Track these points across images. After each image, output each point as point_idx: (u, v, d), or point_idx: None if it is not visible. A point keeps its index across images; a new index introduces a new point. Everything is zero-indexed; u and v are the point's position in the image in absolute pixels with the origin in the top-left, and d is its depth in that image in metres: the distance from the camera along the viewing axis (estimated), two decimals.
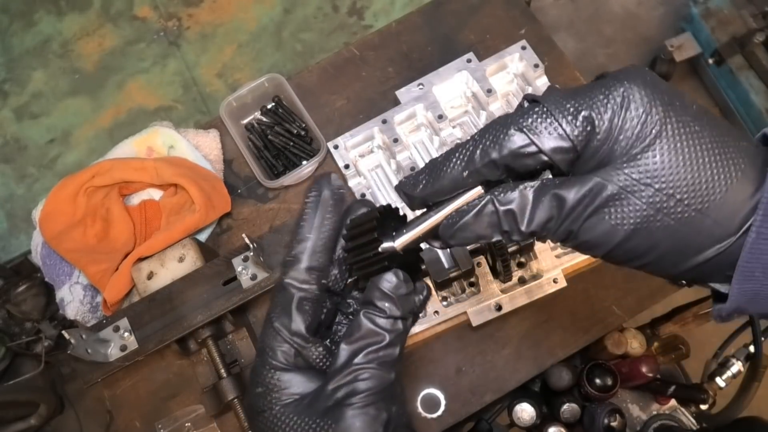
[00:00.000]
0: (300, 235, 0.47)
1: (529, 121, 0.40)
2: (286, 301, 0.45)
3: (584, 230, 0.40)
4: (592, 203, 0.39)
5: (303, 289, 0.46)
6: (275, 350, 0.45)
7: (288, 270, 0.46)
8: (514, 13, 1.21)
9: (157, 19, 2.21)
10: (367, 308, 0.44)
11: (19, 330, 1.88)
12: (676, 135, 0.38)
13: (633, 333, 1.11)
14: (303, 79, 1.22)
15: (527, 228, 0.41)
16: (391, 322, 0.44)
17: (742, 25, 2.11)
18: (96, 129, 2.10)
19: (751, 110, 2.09)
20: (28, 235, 1.87)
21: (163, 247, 1.03)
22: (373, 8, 2.12)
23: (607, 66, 2.44)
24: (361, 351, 0.43)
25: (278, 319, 0.45)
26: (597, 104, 0.39)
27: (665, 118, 0.38)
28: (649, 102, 0.38)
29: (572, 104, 0.39)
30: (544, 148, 0.39)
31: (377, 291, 0.44)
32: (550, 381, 1.08)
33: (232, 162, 1.19)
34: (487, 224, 0.42)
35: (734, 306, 0.40)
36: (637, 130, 0.38)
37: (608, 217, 0.39)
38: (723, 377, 1.13)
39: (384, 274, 0.44)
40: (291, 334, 0.45)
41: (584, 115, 0.39)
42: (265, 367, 0.45)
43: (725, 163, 0.38)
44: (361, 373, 0.42)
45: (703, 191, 0.38)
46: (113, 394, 1.06)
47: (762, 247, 0.38)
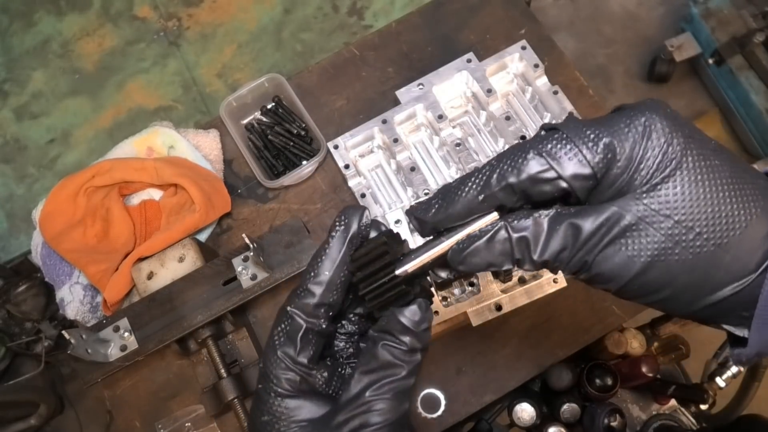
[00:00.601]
0: (317, 269, 0.44)
1: (549, 146, 0.39)
2: (292, 330, 0.44)
3: (599, 261, 0.39)
4: (608, 233, 0.38)
5: (310, 322, 0.44)
6: (280, 378, 0.43)
7: (297, 300, 0.44)
8: (514, 13, 1.21)
9: (157, 19, 2.21)
10: (385, 339, 0.42)
11: (19, 330, 1.88)
12: (696, 167, 0.38)
13: (633, 333, 1.11)
14: (303, 79, 1.22)
15: (540, 257, 0.40)
16: (409, 354, 0.42)
17: (742, 25, 2.11)
18: (96, 129, 2.10)
19: (751, 110, 2.09)
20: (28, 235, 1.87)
21: (163, 247, 1.03)
22: (373, 8, 2.12)
23: (606, 66, 2.44)
24: (377, 382, 0.42)
25: (282, 347, 0.44)
26: (618, 132, 0.38)
27: (686, 149, 0.38)
28: (671, 132, 0.38)
29: (593, 131, 0.39)
30: (564, 174, 0.39)
31: (398, 323, 0.42)
32: (550, 381, 1.08)
33: (232, 162, 1.19)
34: (499, 251, 0.41)
35: (754, 351, 0.40)
36: (658, 159, 0.38)
37: (624, 248, 0.38)
38: (723, 377, 1.13)
39: (406, 307, 0.43)
40: (294, 364, 0.43)
41: (605, 142, 0.38)
42: (270, 395, 0.44)
43: (745, 199, 0.38)
44: (376, 403, 0.41)
45: (723, 225, 0.37)
46: (113, 394, 1.06)
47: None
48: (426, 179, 1.07)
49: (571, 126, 0.40)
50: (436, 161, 1.09)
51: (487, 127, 1.09)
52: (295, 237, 0.97)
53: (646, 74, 2.37)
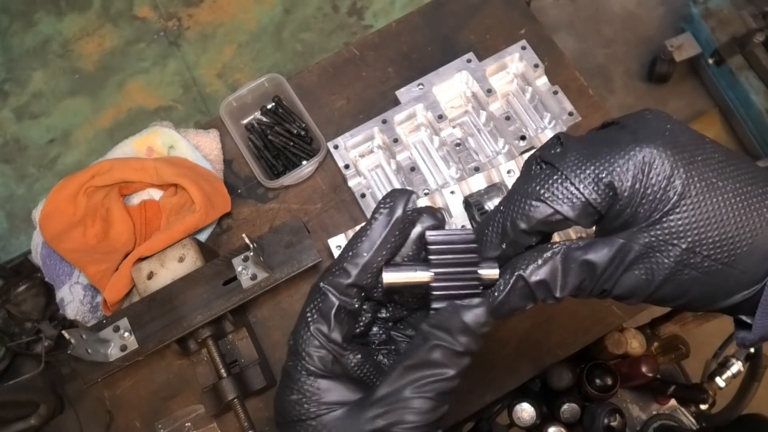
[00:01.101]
0: (356, 249, 0.42)
1: (551, 191, 0.40)
2: (326, 307, 0.42)
3: (617, 287, 0.41)
4: (621, 264, 0.40)
5: (343, 300, 0.42)
6: (312, 355, 0.42)
7: (331, 278, 0.43)
8: (514, 13, 1.21)
9: (157, 19, 2.21)
10: (439, 338, 0.40)
11: (19, 330, 1.88)
12: (699, 195, 0.39)
13: (633, 333, 1.11)
14: (303, 79, 1.22)
15: (561, 294, 0.42)
16: (462, 356, 0.41)
17: (742, 25, 2.11)
18: (96, 129, 2.10)
19: (751, 110, 2.09)
20: (28, 235, 1.87)
21: (163, 247, 1.03)
22: (373, 8, 2.12)
23: (606, 66, 2.44)
24: (421, 380, 0.40)
25: (315, 323, 0.42)
26: (617, 169, 0.39)
27: (688, 179, 0.39)
28: (671, 164, 0.39)
29: (591, 170, 0.40)
30: (569, 216, 0.40)
31: (460, 323, 0.40)
32: (550, 381, 1.08)
33: (232, 162, 1.19)
34: (520, 298, 0.42)
35: (758, 336, 0.42)
36: (660, 194, 0.39)
37: (638, 273, 0.40)
38: (723, 377, 1.13)
39: (473, 306, 0.41)
40: (328, 341, 0.42)
41: (606, 182, 0.39)
42: (301, 373, 0.42)
43: (749, 216, 0.39)
44: (415, 401, 0.40)
45: (728, 246, 0.39)
46: (113, 394, 1.06)
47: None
48: (426, 179, 1.07)
49: (567, 163, 0.41)
50: (436, 161, 1.09)
51: (487, 127, 1.09)
52: (295, 237, 0.97)
53: (646, 74, 2.37)
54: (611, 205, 0.40)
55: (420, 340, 0.41)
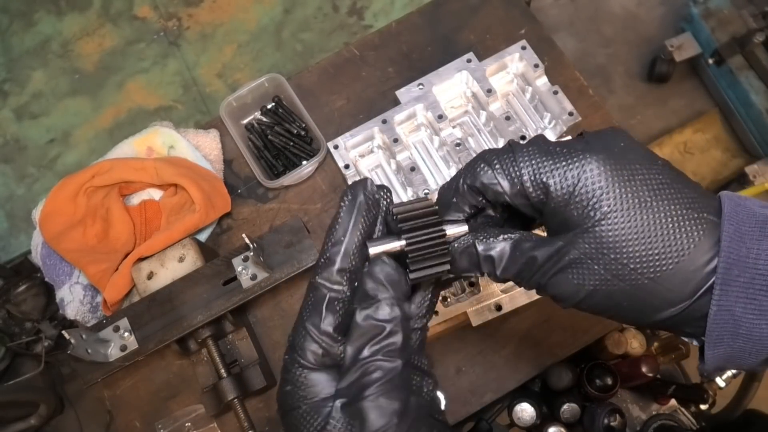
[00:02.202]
0: (333, 238, 0.46)
1: (500, 164, 0.46)
2: (317, 300, 0.45)
3: (551, 285, 0.45)
4: (557, 264, 0.44)
5: (335, 290, 0.45)
6: (305, 350, 0.44)
7: (321, 271, 0.45)
8: (514, 13, 1.21)
9: (157, 19, 2.21)
10: (361, 303, 0.44)
11: (19, 330, 1.88)
12: (630, 210, 0.41)
13: (633, 333, 1.11)
14: (303, 79, 1.22)
15: (502, 275, 0.47)
16: (387, 312, 0.44)
17: (742, 25, 2.11)
18: (96, 129, 2.10)
19: (751, 110, 2.09)
20: (28, 235, 1.87)
21: (163, 247, 1.03)
22: (373, 8, 2.12)
23: (606, 66, 2.44)
24: (363, 347, 0.43)
25: (309, 318, 0.45)
26: (557, 174, 0.43)
27: (621, 195, 0.41)
28: (607, 178, 0.42)
29: (536, 166, 0.44)
30: (506, 191, 0.45)
31: (370, 280, 0.44)
32: (550, 381, 1.08)
33: (232, 162, 1.19)
34: (469, 262, 0.47)
35: (713, 367, 0.43)
36: (593, 202, 0.42)
37: (571, 277, 0.43)
38: (723, 377, 1.13)
39: (377, 263, 0.45)
40: (320, 334, 0.44)
41: (541, 181, 0.44)
42: (294, 366, 0.45)
43: (679, 237, 0.41)
44: (368, 366, 0.42)
45: (655, 263, 0.41)
46: (113, 394, 1.06)
47: (725, 317, 0.40)
48: (426, 179, 1.06)
49: (525, 151, 0.45)
50: (436, 161, 1.09)
51: (487, 127, 1.09)
52: (295, 237, 0.97)
53: (646, 74, 2.37)
54: (544, 204, 0.44)
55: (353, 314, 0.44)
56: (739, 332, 0.40)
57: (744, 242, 0.40)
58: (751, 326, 0.40)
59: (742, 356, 0.42)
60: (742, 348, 0.41)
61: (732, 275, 0.39)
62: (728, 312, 0.40)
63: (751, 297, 0.39)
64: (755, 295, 0.39)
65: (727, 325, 0.40)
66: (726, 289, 0.40)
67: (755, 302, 0.39)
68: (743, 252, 0.39)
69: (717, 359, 0.42)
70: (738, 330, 0.40)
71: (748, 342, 0.40)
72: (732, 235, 0.40)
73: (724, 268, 0.40)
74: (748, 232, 0.40)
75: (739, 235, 0.40)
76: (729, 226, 0.40)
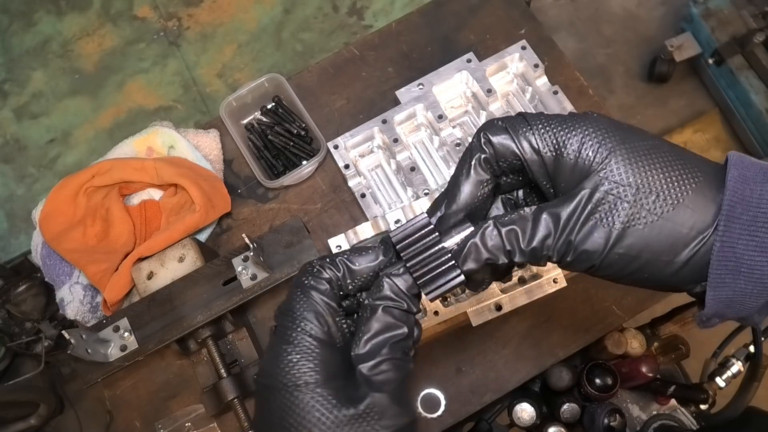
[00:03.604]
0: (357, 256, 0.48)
1: (512, 122, 0.46)
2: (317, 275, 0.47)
3: (581, 240, 0.43)
4: (583, 212, 0.43)
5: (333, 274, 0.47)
6: (311, 320, 0.45)
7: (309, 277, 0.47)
8: (514, 13, 1.21)
9: (157, 19, 2.21)
10: (385, 302, 0.45)
11: (19, 330, 1.88)
12: (640, 146, 0.43)
13: (633, 333, 1.11)
14: (303, 79, 1.22)
15: (528, 245, 0.44)
16: (406, 316, 0.45)
17: (742, 25, 2.12)
18: (96, 129, 2.10)
19: (751, 110, 2.09)
20: (28, 235, 1.88)
21: (163, 247, 1.03)
22: (373, 8, 2.12)
23: (606, 66, 2.44)
24: (385, 343, 0.44)
25: (312, 288, 0.46)
26: (565, 129, 0.44)
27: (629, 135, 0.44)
28: (610, 129, 0.44)
29: (546, 124, 0.45)
30: (524, 150, 0.45)
31: (395, 287, 0.45)
32: (550, 381, 1.08)
33: (232, 162, 1.19)
34: (492, 245, 0.45)
35: (712, 311, 0.43)
36: (603, 145, 0.43)
37: (599, 222, 0.43)
38: (723, 377, 1.13)
39: (400, 274, 0.45)
40: (326, 304, 0.45)
41: (553, 137, 0.44)
42: (298, 333, 0.45)
43: (689, 166, 0.43)
44: (388, 363, 0.43)
45: (676, 187, 0.42)
46: (113, 394, 1.06)
47: (727, 254, 0.41)
48: (426, 179, 1.07)
49: (535, 115, 0.46)
50: (436, 161, 1.09)
51: None
52: (295, 237, 0.97)
53: (646, 74, 2.37)
54: (558, 159, 0.44)
55: (369, 313, 0.44)
56: (741, 270, 0.41)
57: (748, 184, 0.41)
58: (752, 263, 0.41)
59: (742, 299, 0.42)
60: (743, 289, 0.41)
61: (736, 213, 0.41)
62: (731, 249, 0.41)
63: (753, 234, 0.40)
64: (757, 232, 0.40)
65: (729, 263, 0.41)
66: (729, 225, 0.41)
67: (757, 239, 0.40)
68: (747, 192, 0.41)
69: (718, 302, 0.42)
70: (739, 268, 0.41)
71: (749, 282, 0.41)
72: (737, 178, 0.42)
73: (729, 206, 0.41)
74: (753, 177, 0.42)
75: (743, 179, 0.42)
76: (734, 170, 0.42)
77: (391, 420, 0.42)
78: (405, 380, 0.45)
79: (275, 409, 0.43)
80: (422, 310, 0.98)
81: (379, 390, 0.43)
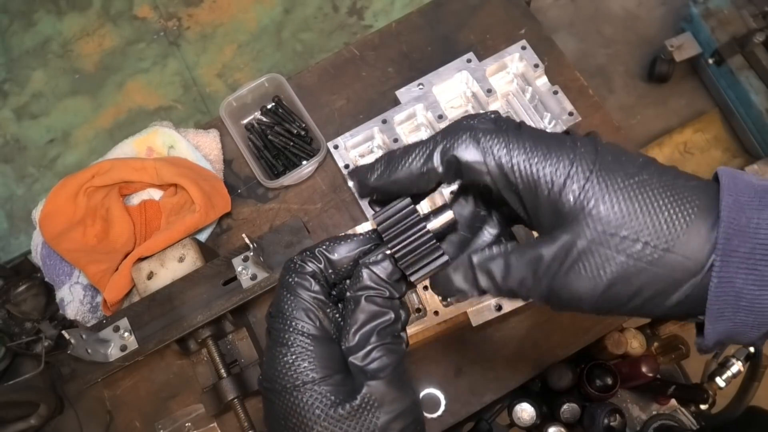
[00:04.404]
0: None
1: (490, 144, 0.42)
2: (304, 271, 0.46)
3: (565, 285, 0.42)
4: (567, 258, 0.41)
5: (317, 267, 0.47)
6: (302, 318, 0.45)
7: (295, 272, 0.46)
8: (514, 13, 1.21)
9: (157, 19, 2.21)
10: (366, 292, 0.45)
11: (19, 330, 1.88)
12: (624, 186, 0.40)
13: (633, 333, 1.11)
14: (303, 79, 1.22)
15: (504, 283, 0.43)
16: (390, 302, 0.45)
17: (742, 25, 2.11)
18: (96, 129, 2.10)
19: (751, 110, 2.09)
20: (28, 235, 1.88)
21: (163, 247, 1.03)
22: (373, 8, 2.12)
23: (606, 66, 2.44)
24: (373, 332, 0.44)
25: (299, 286, 0.46)
26: (549, 163, 0.41)
27: (616, 176, 0.40)
28: (590, 166, 0.41)
29: (530, 150, 0.41)
30: (493, 176, 0.42)
31: (374, 276, 0.45)
32: (550, 381, 1.08)
33: (232, 162, 1.19)
34: (464, 279, 0.44)
35: (712, 342, 0.42)
36: (587, 187, 0.40)
37: (585, 271, 0.41)
38: (723, 377, 1.13)
39: (379, 262, 0.45)
40: (314, 298, 0.45)
41: (533, 169, 0.41)
42: (291, 333, 0.45)
43: (680, 201, 0.40)
44: (379, 350, 0.43)
45: (665, 231, 0.39)
46: (113, 394, 1.06)
47: (726, 290, 0.39)
48: None
49: (519, 133, 0.42)
50: None
51: None
52: (295, 237, 0.97)
53: (646, 74, 2.37)
54: (534, 193, 0.41)
55: (353, 305, 0.45)
56: (741, 304, 0.39)
57: (744, 212, 0.39)
58: (752, 298, 0.39)
59: (743, 330, 0.40)
60: (743, 321, 0.40)
61: (732, 246, 0.38)
62: (729, 284, 0.39)
63: (752, 267, 0.38)
64: (756, 265, 0.38)
65: (729, 297, 0.39)
66: (726, 260, 0.39)
67: (756, 273, 0.38)
68: (743, 222, 0.39)
69: (717, 333, 0.41)
70: (739, 302, 0.39)
71: (750, 315, 0.39)
72: (731, 206, 0.39)
73: (724, 239, 0.39)
74: (748, 203, 0.39)
75: (738, 206, 0.39)
76: (728, 197, 0.39)
77: (390, 405, 0.43)
78: (401, 363, 0.45)
79: (279, 411, 0.44)
80: (422, 309, 0.98)
81: (375, 377, 0.43)
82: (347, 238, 0.47)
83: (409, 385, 0.45)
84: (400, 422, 0.43)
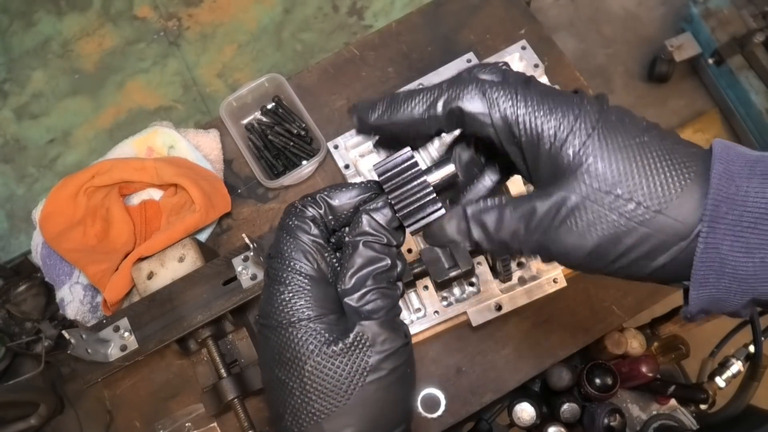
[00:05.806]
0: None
1: (496, 96, 0.42)
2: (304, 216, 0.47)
3: (555, 240, 0.42)
4: (558, 214, 0.41)
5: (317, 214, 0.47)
6: (300, 259, 0.45)
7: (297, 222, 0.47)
8: (514, 13, 1.21)
9: (157, 19, 2.21)
10: (365, 237, 0.45)
11: (19, 330, 1.88)
12: (625, 145, 0.40)
13: (633, 333, 1.11)
14: (303, 79, 1.22)
15: (497, 235, 0.43)
16: (387, 249, 0.46)
17: (742, 25, 2.12)
18: (96, 129, 2.10)
19: (751, 110, 2.10)
20: (28, 235, 1.88)
21: (163, 247, 1.03)
22: (373, 8, 2.12)
23: (606, 66, 2.44)
24: (369, 276, 0.44)
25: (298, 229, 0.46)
26: (554, 117, 0.41)
27: (616, 134, 0.41)
28: (597, 120, 0.41)
29: (536, 104, 0.41)
30: (497, 128, 0.42)
31: (374, 222, 0.45)
32: (550, 381, 1.08)
33: (232, 162, 1.19)
34: (457, 229, 0.44)
35: (696, 309, 0.42)
36: (586, 143, 0.40)
37: (576, 226, 0.41)
38: (723, 377, 1.13)
39: (379, 209, 0.45)
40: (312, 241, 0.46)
41: (537, 123, 0.41)
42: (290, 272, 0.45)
43: (678, 166, 0.40)
44: (374, 293, 0.44)
45: (659, 194, 0.40)
46: (113, 394, 1.06)
47: (711, 255, 0.39)
48: None
49: (526, 85, 0.42)
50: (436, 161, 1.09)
51: None
52: None
53: (646, 74, 2.37)
54: (536, 146, 0.41)
55: (351, 250, 0.45)
56: (725, 271, 0.39)
57: (733, 180, 0.39)
58: (737, 264, 0.39)
59: (727, 297, 0.41)
60: (727, 288, 0.40)
61: (720, 212, 0.39)
62: (715, 250, 0.39)
63: (738, 234, 0.38)
64: (742, 232, 0.38)
65: (713, 263, 0.39)
66: (714, 226, 0.39)
67: (742, 239, 0.38)
68: (732, 190, 0.39)
69: (702, 300, 0.41)
70: (723, 269, 0.39)
71: (734, 281, 0.40)
72: (721, 174, 0.39)
73: (713, 205, 0.39)
74: (738, 171, 0.39)
75: (728, 174, 0.39)
76: (719, 165, 0.40)
77: (382, 345, 0.43)
78: (395, 308, 0.46)
79: (273, 346, 0.45)
80: (422, 309, 0.98)
81: (369, 318, 0.44)
82: (349, 186, 0.48)
83: (402, 329, 0.46)
84: (391, 362, 0.44)
